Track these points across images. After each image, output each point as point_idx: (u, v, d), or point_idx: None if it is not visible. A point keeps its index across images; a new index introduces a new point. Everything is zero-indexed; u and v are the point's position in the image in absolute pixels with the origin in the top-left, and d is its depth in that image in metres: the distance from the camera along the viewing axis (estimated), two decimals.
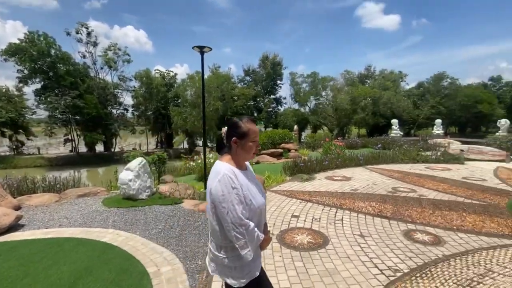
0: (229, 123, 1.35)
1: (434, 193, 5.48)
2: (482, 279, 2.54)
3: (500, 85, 49.71)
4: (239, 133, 1.30)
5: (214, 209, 1.25)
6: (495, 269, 2.70)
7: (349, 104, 32.01)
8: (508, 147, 11.91)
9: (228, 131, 1.34)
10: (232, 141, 1.31)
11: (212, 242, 1.36)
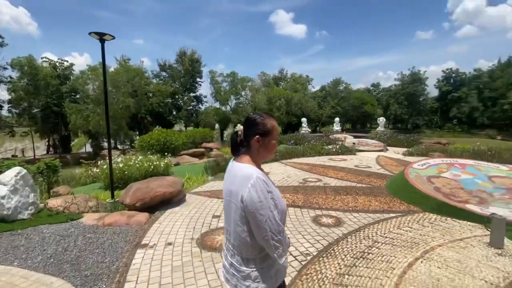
0: (250, 120, 1.20)
1: (335, 181, 6.39)
2: (370, 249, 3.08)
3: (379, 90, 62.64)
4: (262, 131, 1.17)
5: (245, 219, 1.10)
6: (379, 240, 3.32)
7: (266, 104, 34.13)
8: (385, 140, 15.10)
9: (248, 128, 1.19)
10: (255, 139, 1.17)
11: (235, 256, 1.18)
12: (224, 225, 1.29)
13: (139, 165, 6.95)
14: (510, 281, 2.45)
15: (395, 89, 53.51)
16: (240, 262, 1.16)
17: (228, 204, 1.17)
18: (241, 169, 1.14)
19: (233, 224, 1.15)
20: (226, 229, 1.25)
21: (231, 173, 1.19)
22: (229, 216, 1.18)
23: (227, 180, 1.21)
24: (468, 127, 44.90)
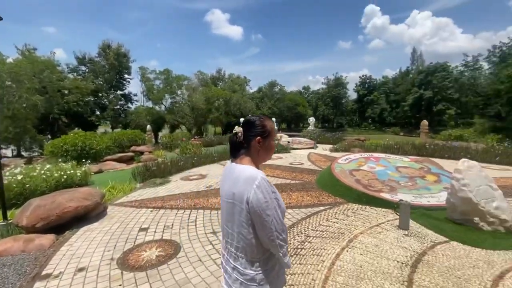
0: (250, 122, 1.21)
1: (272, 179, 6.54)
2: (303, 245, 3.17)
3: (309, 92, 68.24)
4: (264, 132, 1.19)
5: (251, 221, 1.10)
6: (311, 234, 3.47)
7: (205, 104, 33.32)
8: (315, 138, 16.43)
9: (248, 130, 1.20)
10: (256, 141, 1.19)
11: (239, 259, 1.16)
12: (223, 228, 1.24)
13: (46, 176, 5.77)
14: (416, 258, 2.83)
15: (323, 92, 59.26)
16: (245, 265, 1.14)
17: (231, 206, 1.14)
18: (244, 170, 1.13)
19: (237, 226, 1.13)
20: (227, 232, 1.21)
21: (233, 175, 1.16)
22: (232, 218, 1.15)
23: (228, 182, 1.18)
24: (380, 125, 52.91)
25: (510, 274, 2.51)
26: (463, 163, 3.75)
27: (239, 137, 1.20)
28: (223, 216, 1.24)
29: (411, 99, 43.56)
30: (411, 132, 39.07)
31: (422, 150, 10.66)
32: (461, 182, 3.57)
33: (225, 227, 1.23)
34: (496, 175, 6.78)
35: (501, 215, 3.36)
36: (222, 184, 1.24)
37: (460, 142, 12.59)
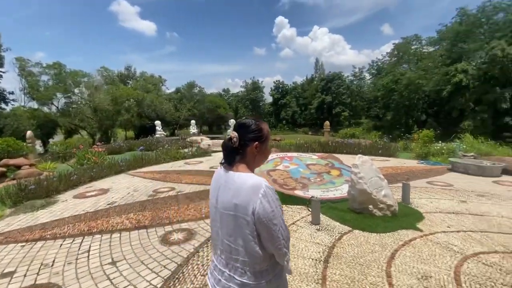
0: (245, 126, 1.13)
1: (190, 186, 6.07)
2: None
3: (229, 95, 69.31)
4: (261, 137, 1.14)
5: (256, 232, 1.04)
6: None
7: (111, 104, 29.18)
8: None
9: (244, 134, 1.11)
10: (254, 146, 1.12)
11: (246, 274, 1.07)
12: (221, 243, 1.13)
13: None
14: (327, 253, 2.99)
15: (242, 95, 61.27)
16: (254, 277, 1.08)
17: (233, 219, 1.06)
18: (245, 179, 1.06)
19: (243, 240, 1.06)
20: (229, 248, 1.10)
21: (232, 184, 1.08)
22: (236, 232, 1.07)
23: (227, 193, 1.09)
24: (292, 126, 58.47)
25: (398, 253, 2.93)
26: (359, 158, 4.29)
27: (234, 143, 1.11)
28: (222, 230, 1.12)
29: (316, 103, 49.86)
30: (317, 132, 44.60)
31: (326, 148, 12.14)
32: (358, 176, 4.06)
33: (225, 242, 1.11)
34: (379, 166, 8.26)
35: (388, 201, 3.98)
36: (218, 195, 1.13)
37: (354, 139, 14.99)
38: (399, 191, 4.90)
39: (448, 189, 5.65)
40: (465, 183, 6.12)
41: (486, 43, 29.25)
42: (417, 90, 33.90)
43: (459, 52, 32.31)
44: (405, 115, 36.50)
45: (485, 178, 6.68)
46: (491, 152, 9.20)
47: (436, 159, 9.39)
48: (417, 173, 7.27)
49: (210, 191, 1.21)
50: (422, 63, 36.09)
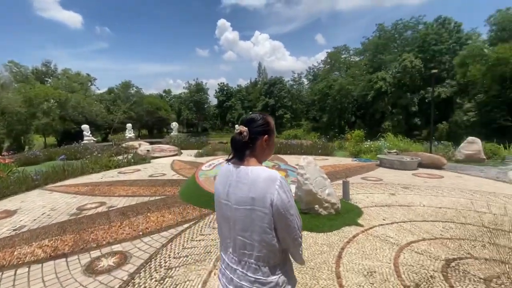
0: (254, 120, 1.14)
1: (124, 199, 5.33)
2: (162, 283, 2.54)
3: (171, 96, 65.82)
4: (269, 130, 1.16)
5: (274, 224, 1.03)
6: (173, 264, 2.88)
7: (25, 105, 24.49)
8: (179, 143, 15.68)
9: (255, 128, 1.12)
10: (264, 139, 1.14)
11: (260, 269, 1.05)
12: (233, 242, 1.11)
13: None
14: None
15: (185, 96, 58.83)
16: (267, 273, 1.06)
17: (249, 213, 1.04)
18: (260, 172, 1.05)
19: (258, 234, 1.04)
20: (244, 243, 1.07)
21: (246, 179, 1.06)
22: (251, 226, 1.04)
23: (241, 188, 1.06)
24: None
25: (345, 251, 3.02)
26: (304, 160, 4.37)
27: (244, 137, 1.12)
28: (236, 226, 1.09)
29: (260, 106, 51.23)
30: None
31: None
32: (304, 177, 4.12)
33: (239, 238, 1.09)
34: (320, 165, 8.78)
35: (332, 199, 4.14)
36: (229, 191, 1.11)
37: (296, 140, 15.75)
38: (340, 188, 5.20)
39: (379, 183, 6.27)
40: (392, 177, 6.91)
41: (399, 55, 34.49)
42: (347, 95, 37.84)
43: (379, 62, 37.30)
44: (338, 117, 40.34)
45: (406, 171, 7.69)
46: (408, 148, 10.74)
47: (367, 156, 10.48)
48: (353, 170, 7.94)
49: (217, 189, 1.18)
50: (350, 71, 40.51)
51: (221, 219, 1.17)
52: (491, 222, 3.78)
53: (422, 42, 33.30)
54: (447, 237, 3.33)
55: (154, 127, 52.61)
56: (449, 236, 3.35)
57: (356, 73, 38.93)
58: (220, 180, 1.18)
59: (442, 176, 7.01)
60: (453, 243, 3.17)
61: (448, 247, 3.05)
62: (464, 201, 4.79)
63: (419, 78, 32.36)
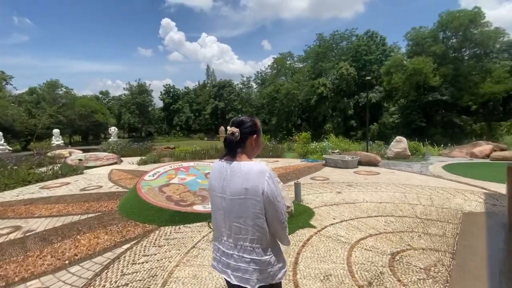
0: (243, 122, 1.29)
1: (46, 221, 4.44)
2: None
3: (109, 98, 59.72)
4: (257, 130, 1.31)
5: (262, 209, 1.20)
6: None
7: None
8: (119, 150, 14.15)
9: (245, 129, 1.28)
10: (253, 138, 1.30)
11: (254, 251, 1.22)
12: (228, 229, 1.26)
13: None
14: None
15: (126, 98, 54.05)
16: (261, 253, 1.22)
17: (243, 202, 1.20)
18: (251, 166, 1.21)
19: (251, 219, 1.20)
20: (239, 229, 1.23)
21: (240, 172, 1.21)
22: (245, 213, 1.21)
23: (235, 181, 1.21)
24: (187, 132, 56.60)
25: (301, 256, 2.97)
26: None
27: (236, 137, 1.26)
28: (230, 215, 1.24)
29: (210, 109, 50.31)
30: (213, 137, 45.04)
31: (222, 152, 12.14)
32: None
33: (235, 224, 1.23)
34: (272, 167, 8.89)
35: (286, 203, 4.11)
36: (223, 185, 1.25)
37: None
38: (292, 189, 5.25)
39: (326, 182, 6.59)
40: (337, 176, 7.36)
41: (336, 63, 37.83)
42: (293, 99, 39.82)
43: (319, 69, 40.26)
44: (286, 120, 42.11)
45: (348, 169, 8.30)
46: (348, 148, 11.70)
47: (313, 156, 11.04)
48: (302, 171, 8.22)
49: (212, 184, 1.31)
50: (295, 76, 42.79)
51: (216, 211, 1.31)
52: (422, 213, 4.24)
53: (355, 52, 37.16)
54: (390, 231, 3.59)
55: (89, 132, 46.95)
56: (391, 230, 3.62)
57: (300, 79, 41.30)
58: (214, 176, 1.31)
59: (378, 172, 7.75)
60: (395, 236, 3.42)
61: (391, 241, 3.27)
62: (399, 195, 5.32)
63: (353, 85, 36.00)
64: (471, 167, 8.32)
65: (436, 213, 4.21)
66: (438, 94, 28.81)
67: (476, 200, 4.83)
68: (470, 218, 3.86)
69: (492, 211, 4.24)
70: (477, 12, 27.66)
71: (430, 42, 29.76)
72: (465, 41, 29.13)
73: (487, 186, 5.87)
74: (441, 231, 3.53)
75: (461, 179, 6.60)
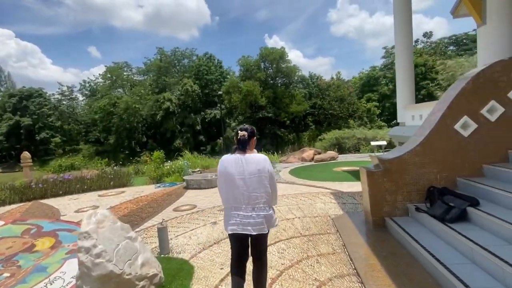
0: (249, 129, 2.14)
1: None
2: None
3: None
4: (255, 134, 2.17)
5: (268, 181, 2.04)
6: None
7: None
8: None
9: (250, 134, 2.11)
10: (253, 139, 2.15)
11: (265, 209, 2.03)
12: (247, 199, 2.00)
13: None
14: None
15: None
16: (268, 209, 2.04)
17: (258, 179, 1.99)
18: (259, 156, 2.06)
19: (263, 188, 2.01)
20: (256, 197, 2.00)
21: (252, 160, 2.03)
22: (259, 185, 2.00)
23: (250, 166, 2.01)
24: None
25: None
26: (90, 217, 2.43)
27: (245, 138, 2.06)
28: (249, 188, 1.99)
29: (5, 127, 34.99)
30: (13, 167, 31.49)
31: (28, 192, 7.96)
32: (95, 252, 2.22)
33: (252, 194, 1.99)
34: (117, 203, 6.55)
35: (150, 270, 2.57)
36: (243, 169, 2.01)
37: (73, 172, 11.57)
38: (154, 236, 3.67)
39: (195, 212, 5.41)
40: (205, 200, 6.36)
41: (180, 79, 37.66)
42: (135, 114, 35.39)
43: (163, 83, 38.52)
44: (128, 138, 36.69)
45: (214, 189, 7.54)
46: (208, 164, 11.10)
47: (171, 179, 9.50)
48: (160, 201, 6.56)
49: (229, 171, 2.03)
50: (136, 89, 38.46)
51: (236, 189, 2.00)
52: (303, 228, 4.06)
53: (197, 71, 38.62)
54: (288, 264, 2.99)
55: None
56: (289, 262, 3.04)
57: (142, 92, 37.55)
58: (231, 165, 2.03)
59: None
60: (297, 271, 2.84)
61: (297, 280, 2.64)
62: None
63: (198, 101, 37.10)
64: (306, 170, 10.00)
65: (314, 225, 4.17)
66: (265, 112, 35.17)
67: (330, 202, 5.39)
68: (341, 224, 4.05)
69: (351, 211, 4.76)
70: (283, 51, 36.66)
71: (255, 70, 36.04)
72: (278, 72, 37.69)
73: (326, 185, 6.94)
74: (330, 247, 3.36)
75: (308, 182, 7.56)
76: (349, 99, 34.31)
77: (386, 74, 37.13)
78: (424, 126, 3.73)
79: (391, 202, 3.66)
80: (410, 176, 3.60)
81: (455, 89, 3.57)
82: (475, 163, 3.51)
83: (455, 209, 2.95)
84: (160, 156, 10.02)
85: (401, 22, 7.52)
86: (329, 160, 11.80)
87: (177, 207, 5.87)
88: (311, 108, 36.70)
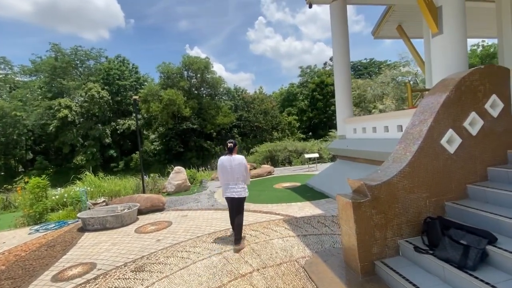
0: (234, 142, 4.27)
1: None
2: None
3: None
4: (236, 144, 4.29)
5: (244, 169, 4.14)
6: None
7: None
8: None
9: (234, 145, 4.21)
10: (236, 147, 4.24)
11: (241, 183, 4.14)
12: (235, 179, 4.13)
13: None
14: None
15: None
16: (242, 184, 4.15)
17: (239, 166, 4.11)
18: (239, 157, 4.21)
19: (241, 173, 4.12)
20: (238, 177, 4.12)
21: (237, 159, 4.15)
22: (239, 170, 4.11)
23: (235, 162, 4.12)
24: None
25: None
26: None
27: (232, 146, 4.21)
28: (234, 175, 4.11)
29: None
30: None
31: None
32: None
33: (236, 176, 4.10)
34: None
35: None
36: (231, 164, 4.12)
37: None
38: None
39: (92, 280, 3.41)
40: (112, 249, 4.31)
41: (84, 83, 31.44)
42: (16, 124, 27.33)
43: (60, 87, 31.40)
44: (4, 156, 27.88)
45: (126, 228, 5.45)
46: (119, 190, 8.56)
47: (57, 216, 6.70)
48: (33, 260, 4.12)
49: (224, 164, 4.17)
50: (17, 93, 29.99)
51: (227, 174, 4.13)
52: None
53: (106, 75, 33.13)
54: None
55: None
56: None
57: (28, 97, 29.50)
58: (225, 161, 4.14)
59: (170, 221, 5.70)
60: None
61: None
62: (218, 260, 3.63)
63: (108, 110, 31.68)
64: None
65: (281, 281, 2.97)
66: (190, 123, 32.79)
67: (288, 235, 4.33)
68: (319, 276, 2.98)
69: (321, 250, 3.78)
70: (208, 61, 35.44)
71: (178, 78, 33.47)
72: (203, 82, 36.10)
73: (274, 209, 5.94)
74: None
75: (251, 205, 6.38)
76: (272, 112, 35.65)
77: (303, 91, 40.63)
78: (406, 141, 3.11)
79: (380, 240, 2.83)
80: (400, 204, 2.87)
81: (437, 97, 3.09)
82: (461, 183, 3.07)
83: (474, 250, 2.28)
84: (43, 184, 7.00)
85: (339, 44, 7.82)
86: (266, 175, 11.02)
87: (61, 271, 3.67)
88: (237, 120, 36.39)
